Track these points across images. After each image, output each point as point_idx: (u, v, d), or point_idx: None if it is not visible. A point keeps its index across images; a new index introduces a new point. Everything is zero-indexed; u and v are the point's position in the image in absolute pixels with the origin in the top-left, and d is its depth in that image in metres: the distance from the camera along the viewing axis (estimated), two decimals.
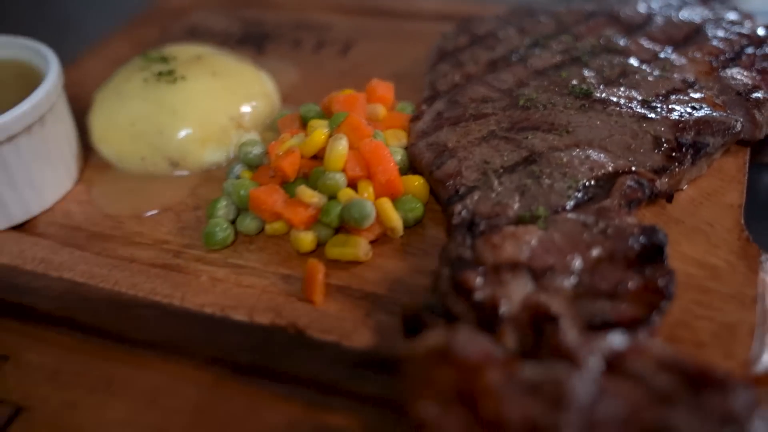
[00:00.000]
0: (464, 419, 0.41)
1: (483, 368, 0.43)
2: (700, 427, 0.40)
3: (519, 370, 0.43)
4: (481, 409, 0.41)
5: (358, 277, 0.58)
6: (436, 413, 0.41)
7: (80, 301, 0.58)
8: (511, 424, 0.41)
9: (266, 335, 0.54)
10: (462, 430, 0.41)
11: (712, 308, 0.53)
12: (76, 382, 0.52)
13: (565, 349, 0.44)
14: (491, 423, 0.41)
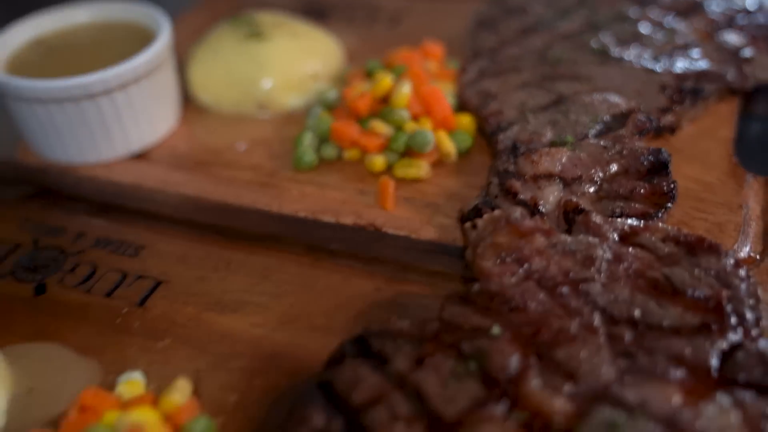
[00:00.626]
0: (517, 272, 0.54)
1: (533, 234, 0.56)
2: (695, 279, 0.53)
3: (559, 238, 0.56)
4: (531, 265, 0.54)
5: (421, 191, 0.71)
6: (497, 266, 0.54)
7: (195, 210, 0.71)
8: (553, 275, 0.54)
9: (351, 232, 0.67)
10: (516, 279, 0.54)
11: (706, 212, 0.65)
12: (201, 263, 0.65)
13: (592, 226, 0.57)
14: (539, 275, 0.54)
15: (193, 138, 0.81)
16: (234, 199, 0.71)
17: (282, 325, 0.58)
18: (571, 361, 0.49)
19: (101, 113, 0.73)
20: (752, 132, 0.77)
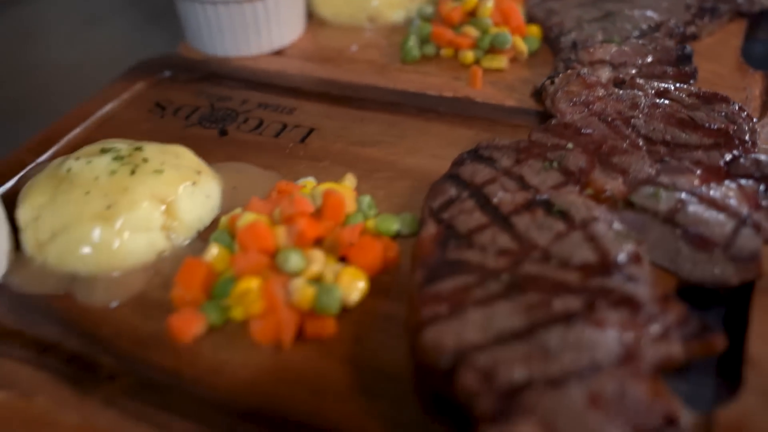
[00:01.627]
0: (584, 111, 0.75)
1: (595, 86, 0.76)
2: (710, 117, 0.73)
3: (614, 90, 0.77)
4: (594, 106, 0.75)
5: (502, 77, 0.91)
6: (569, 107, 0.75)
7: (329, 86, 0.92)
8: (609, 113, 0.74)
9: (451, 101, 0.87)
10: (583, 116, 0.74)
11: (719, 88, 0.85)
12: (342, 118, 0.85)
13: (636, 85, 0.78)
14: (599, 113, 0.74)
15: (318, 42, 1.01)
16: (359, 79, 0.92)
17: (409, 153, 0.79)
18: (622, 164, 0.69)
19: (255, 14, 0.93)
20: (753, 46, 0.97)
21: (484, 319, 0.53)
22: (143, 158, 0.67)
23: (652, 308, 0.53)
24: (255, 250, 0.59)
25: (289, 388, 0.54)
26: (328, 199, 0.65)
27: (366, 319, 0.59)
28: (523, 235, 0.60)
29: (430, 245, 0.61)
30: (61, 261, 0.62)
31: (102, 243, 0.61)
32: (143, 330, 0.59)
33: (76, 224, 0.61)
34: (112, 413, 0.52)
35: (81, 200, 0.62)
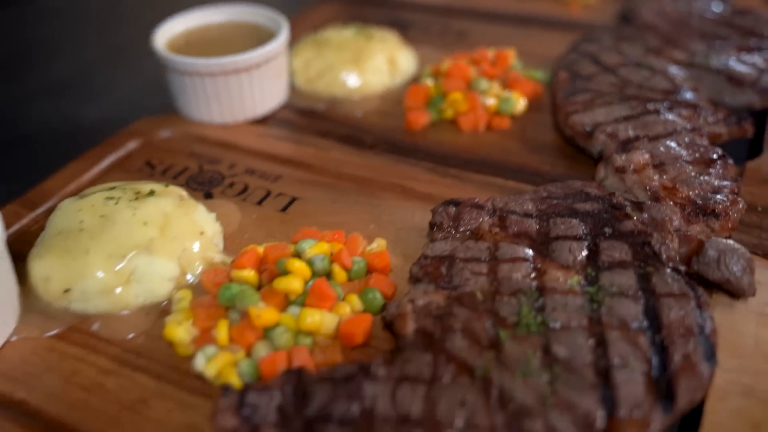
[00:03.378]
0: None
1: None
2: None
3: None
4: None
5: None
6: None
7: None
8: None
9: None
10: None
11: None
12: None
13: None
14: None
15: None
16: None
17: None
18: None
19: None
20: None
21: (606, 111, 0.85)
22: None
23: (707, 109, 0.85)
24: (458, 78, 0.92)
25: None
26: None
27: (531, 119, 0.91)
28: (624, 77, 0.92)
29: (564, 80, 0.93)
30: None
31: None
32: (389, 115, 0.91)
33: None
34: None
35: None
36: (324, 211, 0.75)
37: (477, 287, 0.61)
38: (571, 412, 0.51)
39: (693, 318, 0.57)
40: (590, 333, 0.56)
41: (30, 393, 0.57)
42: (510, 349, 0.55)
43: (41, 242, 0.66)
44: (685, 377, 0.53)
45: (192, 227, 0.67)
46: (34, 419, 0.55)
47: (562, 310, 0.58)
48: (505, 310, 0.58)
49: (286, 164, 0.84)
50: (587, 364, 0.54)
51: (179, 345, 0.59)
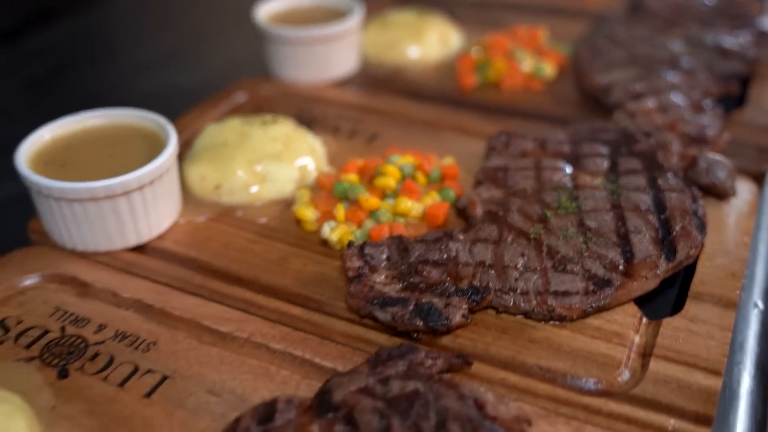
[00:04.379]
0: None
1: None
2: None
3: None
4: None
5: None
6: None
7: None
8: None
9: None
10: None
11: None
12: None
13: None
14: None
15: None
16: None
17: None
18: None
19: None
20: None
21: (619, 73, 1.03)
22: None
23: (702, 73, 1.03)
24: (499, 49, 1.11)
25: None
26: None
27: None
28: (634, 50, 1.11)
29: (585, 52, 1.12)
30: None
31: None
32: (444, 79, 1.10)
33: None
34: None
35: None
36: (400, 144, 0.93)
37: (526, 186, 0.79)
38: (601, 260, 0.69)
39: (689, 204, 0.75)
40: (612, 213, 0.74)
41: (200, 252, 0.75)
42: (554, 221, 0.74)
43: (192, 155, 0.85)
44: (683, 239, 0.71)
45: (306, 145, 0.86)
46: (206, 269, 0.73)
47: (591, 199, 0.76)
48: (549, 199, 0.77)
49: (365, 111, 1.02)
50: (611, 231, 0.72)
51: (306, 222, 0.77)
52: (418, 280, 0.68)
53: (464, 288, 0.67)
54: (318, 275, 0.72)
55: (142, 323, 0.67)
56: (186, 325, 0.67)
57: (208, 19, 1.49)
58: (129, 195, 0.72)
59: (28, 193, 0.75)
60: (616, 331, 0.65)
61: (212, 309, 0.68)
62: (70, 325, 0.67)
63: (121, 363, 0.63)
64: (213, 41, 1.39)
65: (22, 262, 0.73)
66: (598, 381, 0.60)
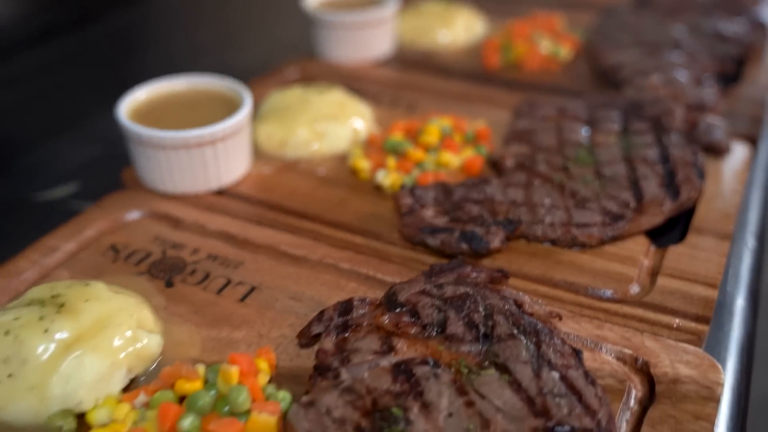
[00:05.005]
0: None
1: None
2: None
3: None
4: None
5: None
6: None
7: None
8: None
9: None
10: None
11: None
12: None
13: None
14: None
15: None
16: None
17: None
18: None
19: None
20: None
21: (627, 52, 1.14)
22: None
23: (701, 53, 1.14)
24: (520, 33, 1.22)
25: None
26: None
27: None
28: (641, 34, 1.22)
29: (597, 36, 1.23)
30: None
31: None
32: (471, 60, 1.21)
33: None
34: None
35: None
36: (434, 111, 1.04)
37: (550, 143, 0.90)
38: (615, 200, 0.80)
39: (690, 157, 0.86)
40: (624, 164, 0.85)
41: (270, 195, 0.87)
42: (574, 170, 0.85)
43: (259, 117, 0.96)
44: (685, 183, 0.82)
45: (357, 109, 0.97)
46: (277, 208, 0.85)
47: (606, 153, 0.88)
48: (569, 152, 0.88)
49: (402, 87, 1.13)
50: (623, 178, 0.83)
51: (361, 171, 0.89)
52: (461, 215, 0.79)
53: (500, 220, 0.78)
54: (374, 213, 0.83)
55: (228, 249, 0.78)
56: (265, 250, 0.78)
57: (257, 6, 1.61)
58: (214, 144, 0.83)
59: (111, 151, 0.85)
60: (628, 256, 0.76)
61: (286, 238, 0.79)
62: (169, 249, 0.78)
63: (216, 277, 0.74)
64: (262, 27, 1.50)
65: (123, 202, 0.85)
66: (615, 292, 0.71)
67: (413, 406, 0.55)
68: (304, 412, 0.55)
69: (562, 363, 0.59)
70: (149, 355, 0.62)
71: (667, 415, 0.58)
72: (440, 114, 1.00)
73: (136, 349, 0.61)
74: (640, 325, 0.67)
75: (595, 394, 0.57)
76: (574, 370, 0.59)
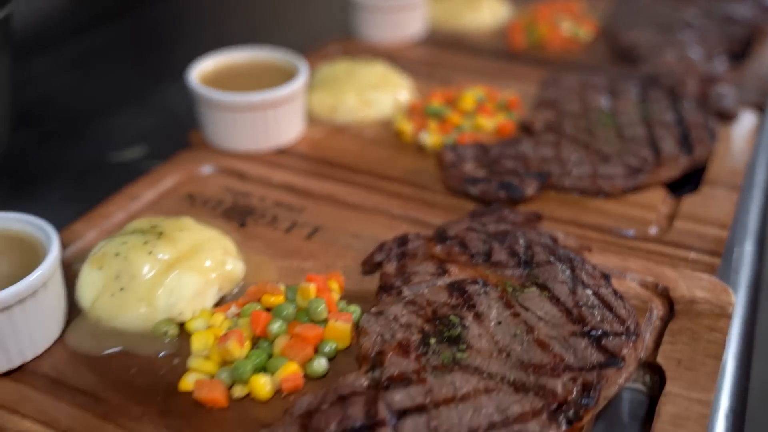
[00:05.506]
0: None
1: None
2: None
3: None
4: None
5: None
6: None
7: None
8: None
9: None
10: None
11: None
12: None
13: None
14: None
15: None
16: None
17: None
18: None
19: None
20: None
21: (642, 32, 1.22)
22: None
23: (711, 32, 1.22)
24: (543, 16, 1.31)
25: None
26: None
27: None
28: (656, 18, 1.30)
29: (615, 18, 1.31)
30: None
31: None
32: (497, 41, 1.30)
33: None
34: None
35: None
36: (467, 84, 1.12)
37: (575, 109, 0.99)
38: (635, 155, 0.89)
39: (703, 120, 0.95)
40: (643, 126, 0.94)
41: (325, 153, 0.96)
42: (597, 132, 0.93)
43: (311, 86, 1.05)
44: (698, 142, 0.90)
45: (399, 79, 1.06)
46: (331, 164, 0.93)
47: (626, 117, 0.96)
48: (593, 117, 0.97)
49: (435, 65, 1.22)
50: (642, 138, 0.92)
51: (404, 133, 0.97)
52: (497, 168, 0.88)
53: (533, 172, 0.86)
54: (418, 169, 0.92)
55: (292, 198, 0.87)
56: (324, 198, 0.87)
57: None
58: (275, 107, 0.92)
59: (172, 120, 0.96)
60: (648, 203, 0.84)
61: (342, 188, 0.88)
62: (239, 197, 0.87)
63: (283, 220, 0.83)
64: (303, 10, 1.60)
65: (193, 158, 0.94)
66: (636, 231, 0.80)
67: (467, 315, 0.64)
68: (374, 319, 0.64)
69: (594, 283, 0.68)
70: (235, 277, 0.71)
71: (685, 328, 0.67)
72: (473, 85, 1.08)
73: (224, 271, 0.70)
74: (659, 258, 0.76)
75: (623, 307, 0.65)
76: (605, 288, 0.67)
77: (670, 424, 0.58)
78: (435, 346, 0.61)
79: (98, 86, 1.24)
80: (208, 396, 0.59)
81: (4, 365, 0.62)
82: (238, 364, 0.60)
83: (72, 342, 0.66)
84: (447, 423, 0.55)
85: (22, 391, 0.62)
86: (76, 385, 0.62)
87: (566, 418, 0.56)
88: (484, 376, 0.59)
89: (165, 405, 0.60)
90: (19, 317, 0.61)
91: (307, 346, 0.62)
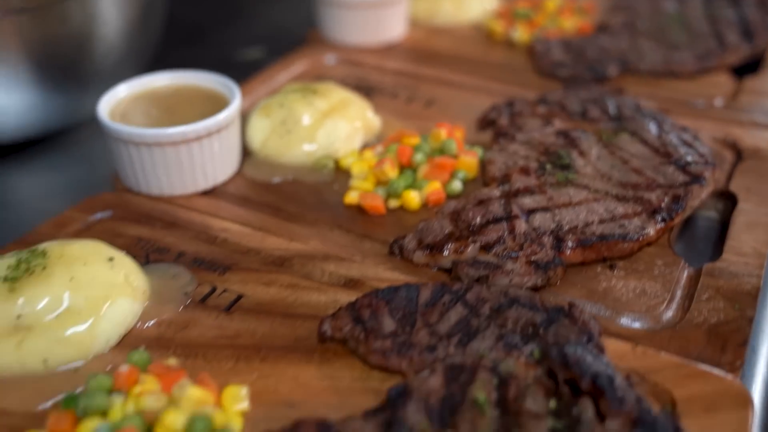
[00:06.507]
0: None
1: None
2: None
3: None
4: None
5: None
6: None
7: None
8: None
9: None
10: None
11: None
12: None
13: None
14: None
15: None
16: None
17: None
18: None
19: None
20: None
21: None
22: None
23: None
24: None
25: None
26: None
27: None
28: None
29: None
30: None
31: None
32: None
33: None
34: None
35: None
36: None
37: (646, 11, 1.10)
38: (703, 45, 1.00)
39: (762, 18, 1.05)
40: (708, 22, 1.05)
41: (427, 49, 1.08)
42: (667, 28, 1.05)
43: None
44: (759, 34, 1.01)
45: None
46: (435, 59, 1.06)
47: (693, 15, 1.07)
48: (662, 17, 1.08)
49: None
50: (708, 32, 1.03)
51: (495, 32, 1.10)
52: (581, 58, 1.00)
53: (613, 59, 0.98)
54: (511, 62, 1.04)
55: (405, 80, 1.00)
56: (432, 80, 1.00)
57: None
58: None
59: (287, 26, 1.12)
60: (715, 83, 0.96)
61: (447, 73, 1.01)
62: (360, 80, 1.00)
63: (401, 95, 0.97)
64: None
65: (315, 50, 1.07)
66: (705, 102, 0.92)
67: (573, 152, 0.77)
68: (498, 152, 0.77)
69: (676, 130, 0.80)
70: (374, 127, 0.85)
71: (753, 168, 0.79)
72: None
73: (366, 121, 0.84)
74: (727, 122, 0.88)
75: (702, 145, 0.78)
76: (686, 133, 0.80)
77: (743, 228, 0.70)
78: (550, 170, 0.74)
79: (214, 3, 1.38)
80: (371, 203, 0.72)
81: (202, 185, 0.77)
82: (393, 181, 0.73)
83: (249, 172, 0.80)
84: (567, 218, 0.68)
85: (219, 204, 0.76)
86: (259, 200, 0.76)
87: (662, 217, 0.68)
88: (592, 191, 0.72)
89: (334, 214, 0.74)
90: (214, 146, 0.75)
91: (444, 172, 0.75)
